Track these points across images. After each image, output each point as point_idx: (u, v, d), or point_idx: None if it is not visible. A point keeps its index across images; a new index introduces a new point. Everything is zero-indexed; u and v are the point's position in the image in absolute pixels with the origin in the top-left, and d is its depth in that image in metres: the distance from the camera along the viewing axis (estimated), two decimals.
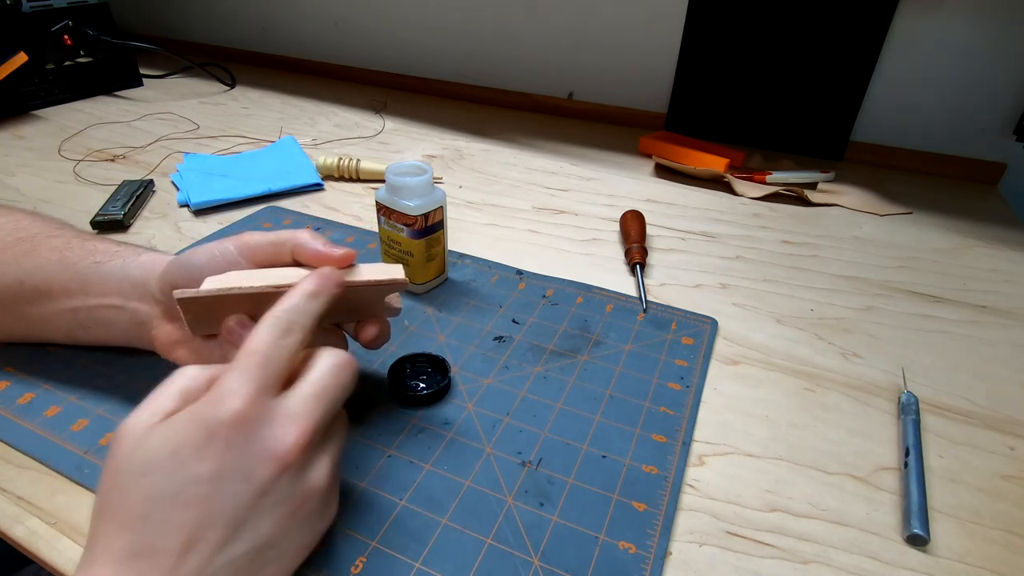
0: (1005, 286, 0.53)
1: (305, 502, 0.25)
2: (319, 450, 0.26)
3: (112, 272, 0.35)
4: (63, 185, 0.66)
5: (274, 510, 0.24)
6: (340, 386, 0.27)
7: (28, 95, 0.89)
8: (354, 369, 0.28)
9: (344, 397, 0.27)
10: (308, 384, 0.26)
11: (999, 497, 0.33)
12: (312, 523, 0.26)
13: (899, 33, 0.72)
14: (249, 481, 0.23)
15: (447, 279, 0.51)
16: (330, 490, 0.26)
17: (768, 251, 0.58)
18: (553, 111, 0.98)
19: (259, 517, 0.24)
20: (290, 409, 0.25)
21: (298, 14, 1.13)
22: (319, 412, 0.25)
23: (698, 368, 0.42)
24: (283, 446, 0.24)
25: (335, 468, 0.27)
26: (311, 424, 0.25)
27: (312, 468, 0.25)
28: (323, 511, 0.26)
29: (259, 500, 0.23)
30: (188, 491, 0.23)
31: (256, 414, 0.24)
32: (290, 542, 0.25)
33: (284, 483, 0.24)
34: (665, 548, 0.30)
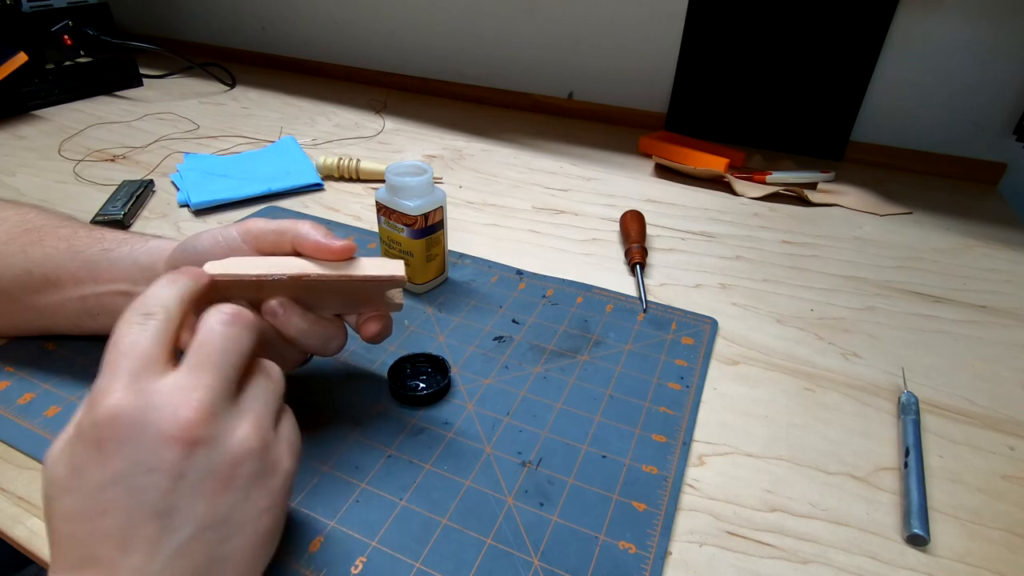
0: (1005, 286, 0.53)
1: (235, 469, 0.23)
2: (232, 412, 0.24)
3: (121, 258, 0.35)
4: (63, 185, 0.66)
5: (201, 488, 0.22)
6: (231, 342, 0.25)
7: (28, 95, 0.89)
8: (245, 320, 0.26)
9: (241, 351, 0.25)
10: (192, 354, 0.24)
11: (999, 497, 0.33)
12: (257, 487, 0.24)
13: (899, 33, 0.72)
14: (157, 469, 0.22)
15: (447, 279, 0.51)
16: (264, 448, 0.24)
17: (768, 251, 0.58)
18: (553, 111, 0.98)
19: (187, 500, 0.22)
20: (177, 384, 0.23)
21: (298, 14, 1.13)
22: (211, 377, 0.24)
23: (698, 368, 0.42)
24: (179, 424, 0.22)
25: (261, 422, 0.25)
26: (205, 392, 0.23)
27: (229, 433, 0.23)
28: (266, 471, 0.24)
29: (177, 483, 0.22)
30: (98, 499, 0.21)
31: (136, 403, 0.22)
32: (239, 512, 0.23)
33: (199, 459, 0.22)
34: (665, 548, 0.30)
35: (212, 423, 0.23)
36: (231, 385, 0.25)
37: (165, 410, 0.22)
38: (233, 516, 0.23)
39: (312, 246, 0.32)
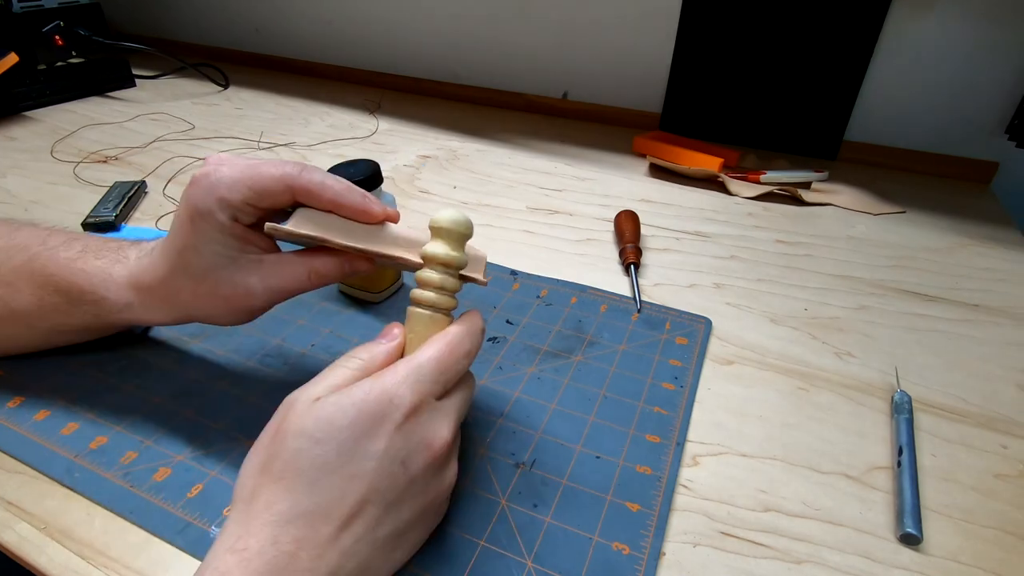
0: (998, 285, 0.53)
1: (438, 496, 0.27)
2: (455, 453, 0.28)
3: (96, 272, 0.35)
4: (55, 187, 0.65)
5: (416, 499, 0.25)
6: (471, 399, 0.30)
7: (19, 96, 0.88)
8: (476, 388, 0.32)
9: (467, 412, 0.30)
10: (458, 395, 0.28)
11: (992, 496, 0.34)
12: (435, 517, 0.28)
13: (892, 33, 0.72)
14: (406, 467, 0.25)
15: (403, 285, 0.50)
16: (450, 493, 0.28)
17: (762, 251, 0.58)
18: (547, 111, 0.97)
19: (405, 503, 0.25)
20: (445, 408, 0.27)
21: (291, 14, 1.12)
22: (459, 418, 0.28)
23: (692, 368, 0.42)
24: (438, 440, 0.26)
25: (457, 443, 0.29)
26: (456, 425, 0.27)
27: (448, 468, 0.27)
28: (442, 508, 0.28)
29: (409, 487, 0.25)
30: (359, 464, 0.24)
31: (424, 406, 0.26)
32: (417, 532, 0.26)
33: (429, 475, 0.26)
34: (659, 549, 0.30)
35: (450, 452, 0.27)
36: None
37: (435, 424, 0.26)
38: (414, 532, 0.26)
39: (345, 205, 0.30)
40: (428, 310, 0.29)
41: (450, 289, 0.30)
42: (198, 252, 0.31)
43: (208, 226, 0.30)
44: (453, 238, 0.29)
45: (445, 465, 0.27)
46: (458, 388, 0.28)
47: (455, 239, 0.29)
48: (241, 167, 0.30)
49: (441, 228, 0.29)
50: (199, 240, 0.30)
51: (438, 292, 0.29)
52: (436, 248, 0.29)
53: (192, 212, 0.30)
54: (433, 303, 0.29)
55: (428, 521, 0.27)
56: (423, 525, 0.27)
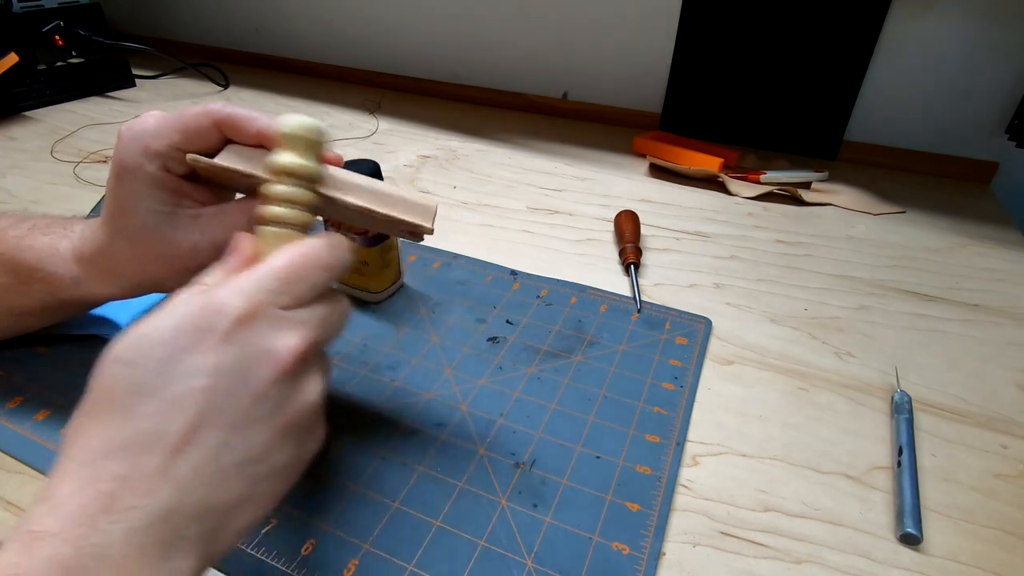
0: (998, 285, 0.53)
1: (297, 417, 0.23)
2: (313, 368, 0.24)
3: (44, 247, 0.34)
4: (54, 187, 0.65)
5: (268, 420, 0.22)
6: (340, 320, 0.26)
7: (19, 96, 0.88)
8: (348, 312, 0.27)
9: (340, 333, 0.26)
10: (317, 308, 0.25)
11: (992, 496, 0.34)
12: (301, 443, 0.24)
13: (892, 33, 0.72)
14: (247, 382, 0.22)
15: (403, 285, 0.50)
16: (319, 413, 0.25)
17: (762, 251, 0.58)
18: (548, 111, 0.97)
19: (253, 425, 0.22)
20: (294, 317, 0.24)
21: (291, 14, 1.12)
22: (320, 332, 0.24)
23: (692, 368, 0.42)
24: (283, 349, 0.22)
25: (324, 393, 0.25)
26: (312, 336, 0.24)
27: (306, 382, 0.24)
28: (312, 432, 0.25)
29: (255, 405, 0.22)
30: (184, 383, 0.21)
31: (260, 314, 0.22)
32: (279, 459, 0.23)
33: (280, 391, 0.22)
34: (659, 549, 0.30)
35: (302, 365, 0.23)
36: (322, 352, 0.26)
37: (279, 333, 0.23)
38: (273, 458, 0.22)
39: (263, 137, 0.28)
40: (276, 227, 0.26)
41: (301, 202, 0.26)
42: (131, 211, 0.29)
43: (137, 181, 0.29)
44: (299, 145, 0.26)
45: (300, 379, 0.23)
46: (318, 303, 0.25)
47: (302, 146, 0.26)
48: (166, 115, 0.29)
49: (285, 134, 0.26)
50: (130, 198, 0.29)
51: (286, 206, 0.26)
52: (280, 157, 0.26)
53: (120, 168, 0.29)
54: (280, 218, 0.26)
55: (293, 446, 0.23)
56: (287, 450, 0.23)
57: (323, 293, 0.25)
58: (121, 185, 0.29)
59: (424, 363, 0.41)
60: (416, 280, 0.51)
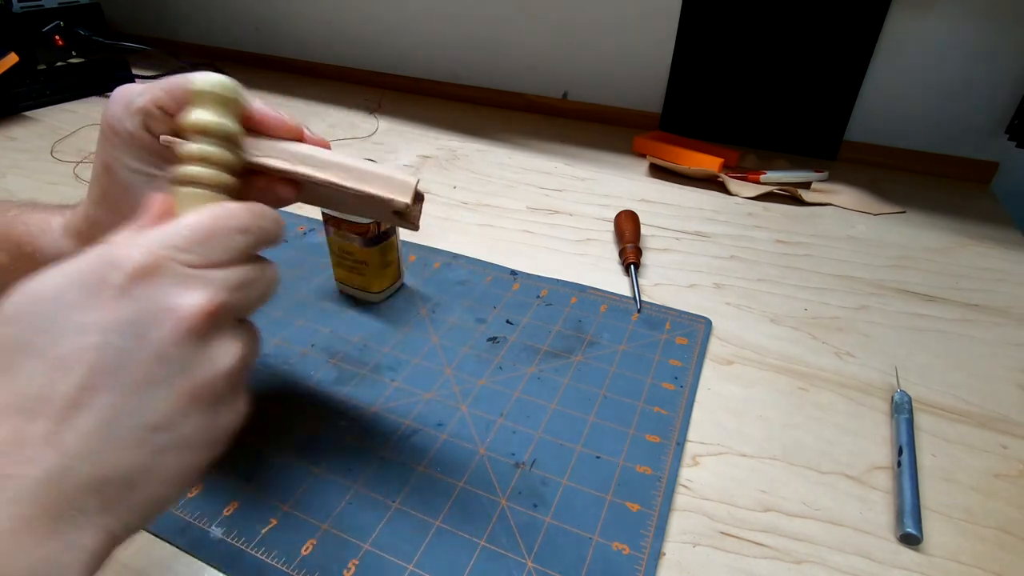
0: (998, 285, 0.53)
1: (205, 383, 0.21)
2: (228, 333, 0.22)
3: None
4: (55, 187, 0.65)
5: (169, 383, 0.20)
6: (262, 287, 0.24)
7: (19, 96, 0.88)
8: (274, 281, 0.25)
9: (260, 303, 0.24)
10: (234, 271, 0.23)
11: (992, 496, 0.34)
12: (213, 413, 0.21)
13: (891, 33, 0.72)
14: (143, 340, 0.19)
15: (403, 285, 0.50)
16: (236, 381, 0.22)
17: (762, 251, 0.58)
18: (548, 111, 0.97)
19: (153, 388, 0.19)
20: (203, 276, 0.21)
21: (291, 14, 1.12)
22: (235, 296, 0.22)
23: (692, 368, 0.42)
24: (186, 307, 0.20)
25: (243, 362, 0.23)
26: (224, 297, 0.21)
27: (217, 347, 0.21)
28: (228, 403, 0.22)
29: (154, 366, 0.20)
30: (71, 341, 0.19)
31: (161, 268, 0.20)
32: (188, 428, 0.20)
33: (184, 352, 0.20)
34: (659, 549, 0.30)
35: (211, 325, 0.21)
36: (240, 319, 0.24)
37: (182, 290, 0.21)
38: (180, 428, 0.20)
39: (266, 121, 0.28)
40: (192, 187, 0.24)
41: (216, 161, 0.25)
42: (112, 171, 0.29)
43: (120, 139, 0.28)
44: (210, 101, 0.25)
45: (209, 342, 0.21)
46: (232, 265, 0.23)
47: (213, 103, 0.25)
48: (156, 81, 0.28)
49: (195, 91, 0.25)
50: (112, 157, 0.29)
51: (201, 164, 0.25)
52: (191, 113, 0.25)
53: (105, 127, 0.29)
54: (195, 177, 0.24)
55: (203, 415, 0.21)
56: (195, 419, 0.21)
57: (245, 257, 0.23)
58: (104, 143, 0.29)
59: (424, 363, 0.41)
60: (416, 280, 0.51)
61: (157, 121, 0.28)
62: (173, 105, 0.28)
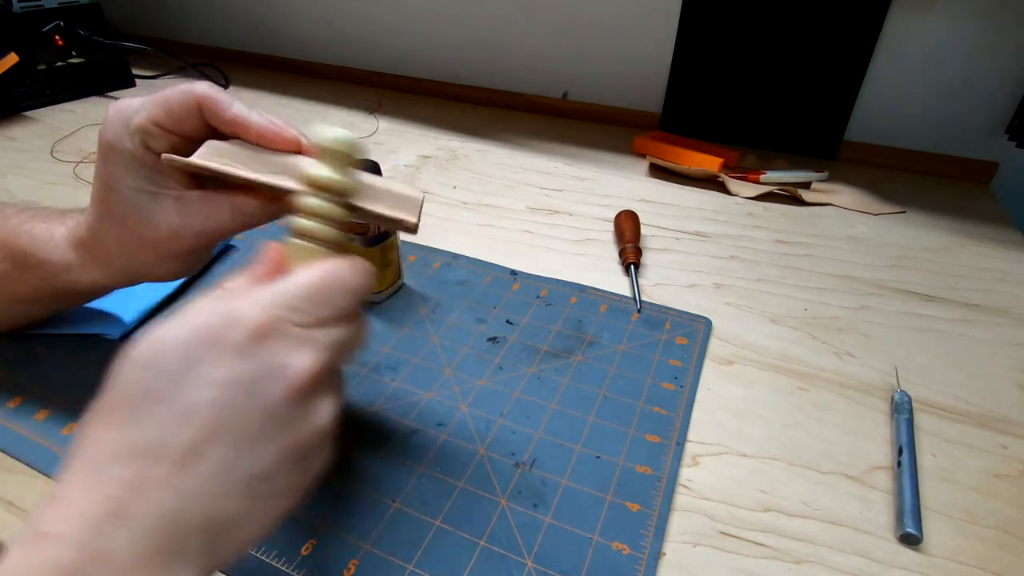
0: (998, 285, 0.53)
1: (306, 438, 0.22)
2: (327, 391, 0.24)
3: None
4: (55, 187, 0.65)
5: (276, 438, 0.21)
6: (358, 342, 0.26)
7: (19, 96, 0.88)
8: (367, 334, 0.27)
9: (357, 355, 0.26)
10: (335, 329, 0.24)
11: (992, 496, 0.34)
12: (309, 465, 0.23)
13: (891, 33, 0.72)
14: (257, 398, 0.21)
15: (403, 285, 0.50)
16: (329, 436, 0.24)
17: (762, 251, 0.58)
18: (548, 111, 0.97)
19: (262, 443, 0.21)
20: (312, 337, 0.23)
21: (292, 14, 1.12)
22: (337, 354, 0.24)
23: (692, 368, 0.42)
24: (297, 369, 0.22)
25: (336, 416, 0.24)
26: (328, 358, 0.23)
27: (319, 404, 0.23)
28: (319, 454, 0.24)
29: (265, 423, 0.21)
30: (195, 393, 0.20)
31: (277, 330, 0.22)
32: (285, 480, 0.22)
33: (291, 410, 0.22)
34: (659, 549, 0.30)
35: (316, 386, 0.23)
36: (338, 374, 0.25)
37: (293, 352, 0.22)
38: (278, 479, 0.22)
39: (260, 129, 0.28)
40: (306, 240, 0.25)
41: (332, 217, 0.26)
42: (114, 190, 0.29)
43: (120, 157, 0.29)
44: (335, 159, 0.26)
45: (313, 400, 0.23)
46: (338, 324, 0.24)
47: (337, 160, 0.26)
48: (153, 95, 0.29)
49: (321, 148, 0.26)
50: (113, 176, 0.29)
51: (317, 220, 0.25)
52: (315, 169, 0.26)
53: (103, 145, 0.29)
54: (311, 233, 0.25)
55: (299, 467, 0.22)
56: (294, 471, 0.22)
57: (345, 314, 0.25)
58: (104, 162, 0.29)
59: (424, 363, 0.41)
60: (416, 280, 0.51)
61: (156, 139, 0.29)
62: (171, 122, 0.29)
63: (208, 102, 0.28)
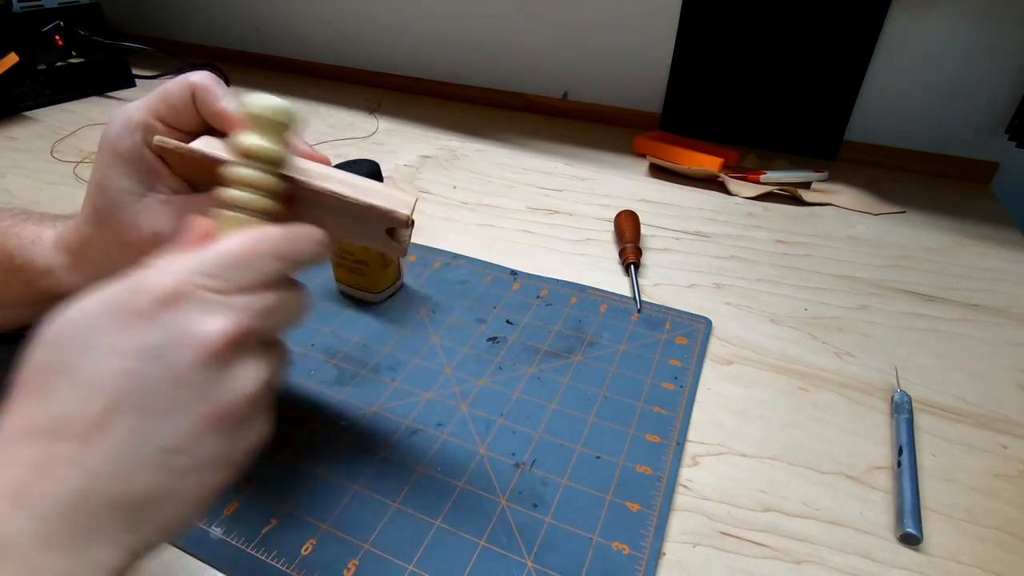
0: (998, 284, 0.53)
1: (226, 407, 0.21)
2: (251, 359, 0.22)
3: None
4: (55, 187, 0.65)
5: (190, 408, 0.20)
6: (291, 311, 0.24)
7: (19, 96, 0.88)
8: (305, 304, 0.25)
9: (288, 326, 0.25)
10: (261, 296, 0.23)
11: (992, 496, 0.34)
12: (234, 436, 0.22)
13: (891, 33, 0.72)
14: (165, 365, 0.20)
15: (403, 286, 0.50)
16: (257, 405, 0.23)
17: (762, 251, 0.58)
18: (548, 111, 0.97)
19: (173, 412, 0.20)
20: (227, 302, 0.22)
21: (291, 14, 1.12)
22: (261, 320, 0.22)
23: (692, 368, 0.42)
24: (208, 333, 0.21)
25: (266, 385, 0.23)
26: (247, 322, 0.22)
27: (239, 372, 0.22)
28: (249, 426, 0.22)
29: (175, 391, 0.20)
30: (97, 365, 0.19)
31: (187, 294, 0.21)
32: (208, 451, 0.21)
33: (203, 377, 0.21)
34: (659, 549, 0.30)
35: (232, 351, 0.21)
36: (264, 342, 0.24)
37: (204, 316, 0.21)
38: (198, 450, 0.21)
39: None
40: (235, 211, 0.25)
41: (261, 187, 0.25)
42: (105, 190, 0.29)
43: (117, 157, 0.29)
44: (264, 127, 0.25)
45: (230, 366, 0.21)
46: (261, 290, 0.23)
47: (267, 128, 0.25)
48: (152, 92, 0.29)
49: (250, 115, 0.25)
50: (106, 176, 0.29)
51: (245, 189, 0.25)
52: (242, 138, 0.25)
53: (103, 145, 0.29)
54: (238, 202, 0.24)
55: (223, 438, 0.21)
56: (215, 442, 0.21)
57: (276, 282, 0.24)
58: (101, 162, 0.29)
59: (424, 363, 0.41)
60: (416, 280, 0.51)
61: (158, 134, 0.29)
62: (171, 115, 0.29)
63: (199, 91, 0.28)
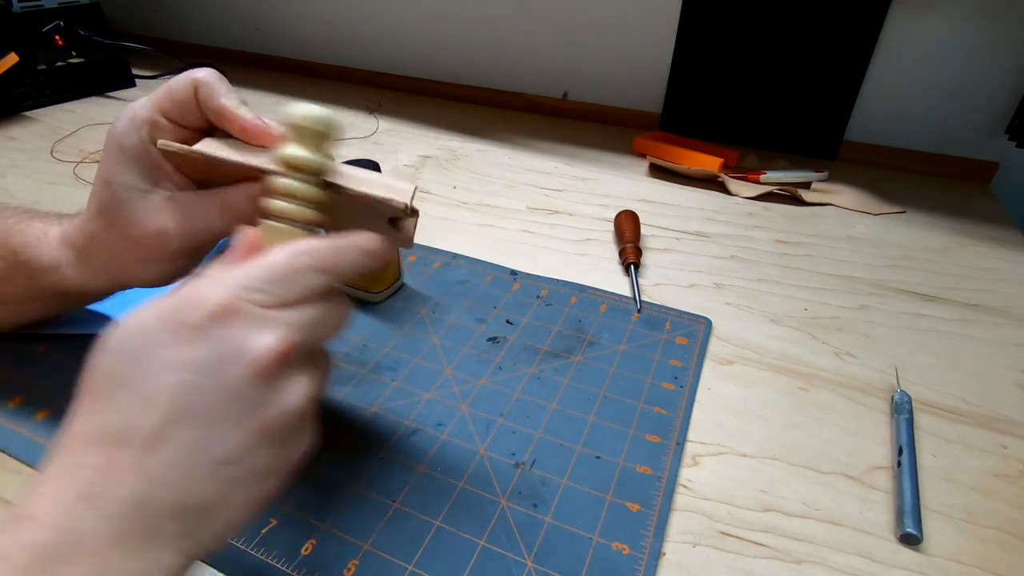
0: (998, 285, 0.53)
1: (275, 420, 0.22)
2: (299, 372, 0.23)
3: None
4: (55, 187, 0.65)
5: (242, 421, 0.21)
6: (334, 323, 0.25)
7: (19, 96, 0.88)
8: (347, 315, 0.26)
9: (332, 336, 0.25)
10: (306, 309, 0.23)
11: (992, 496, 0.34)
12: (282, 447, 0.23)
13: (892, 33, 0.72)
14: (218, 380, 0.21)
15: (403, 286, 0.50)
16: (304, 417, 0.23)
17: (762, 251, 0.58)
18: (548, 111, 0.97)
19: (227, 425, 0.21)
20: (277, 317, 0.22)
21: (291, 14, 1.12)
22: (307, 334, 0.23)
23: (692, 368, 0.42)
24: (260, 349, 0.21)
25: (312, 397, 0.24)
26: (295, 337, 0.22)
27: (288, 386, 0.22)
28: (296, 437, 0.23)
29: (228, 405, 0.21)
30: (158, 377, 0.20)
31: (238, 310, 0.21)
32: (256, 462, 0.22)
33: (255, 391, 0.21)
34: (659, 549, 0.30)
35: (282, 367, 0.22)
36: (312, 355, 0.24)
37: (257, 332, 0.22)
38: (249, 461, 0.21)
39: (245, 127, 0.28)
40: (281, 222, 0.25)
41: (306, 197, 0.25)
42: (109, 185, 0.29)
43: (122, 153, 0.29)
44: (305, 137, 0.25)
45: (280, 381, 0.22)
46: (310, 304, 0.23)
47: (308, 138, 0.25)
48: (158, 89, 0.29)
49: (291, 126, 0.25)
50: (111, 171, 0.29)
51: (289, 200, 0.25)
52: (287, 149, 0.25)
53: (109, 142, 0.29)
54: (283, 213, 0.25)
55: (272, 450, 0.22)
56: (265, 453, 0.22)
57: (319, 294, 0.24)
58: (107, 158, 0.29)
59: (424, 363, 0.41)
60: (416, 280, 0.51)
61: (163, 132, 0.29)
62: (176, 111, 0.29)
63: (202, 86, 0.28)
